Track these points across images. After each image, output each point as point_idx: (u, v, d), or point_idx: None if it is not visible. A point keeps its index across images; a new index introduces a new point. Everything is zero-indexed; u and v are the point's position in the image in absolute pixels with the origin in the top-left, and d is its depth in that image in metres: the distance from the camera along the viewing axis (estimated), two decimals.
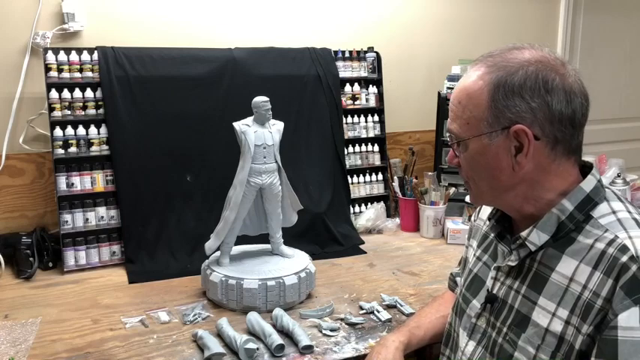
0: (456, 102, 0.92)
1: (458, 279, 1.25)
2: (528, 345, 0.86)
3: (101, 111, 1.75)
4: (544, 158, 0.87)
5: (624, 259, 0.78)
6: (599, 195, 0.87)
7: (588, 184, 0.88)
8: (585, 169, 0.92)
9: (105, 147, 1.75)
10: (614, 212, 0.85)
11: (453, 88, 2.08)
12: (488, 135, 0.87)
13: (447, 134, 0.96)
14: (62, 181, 1.70)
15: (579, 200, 0.86)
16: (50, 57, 1.71)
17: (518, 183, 0.89)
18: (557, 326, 0.83)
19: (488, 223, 1.04)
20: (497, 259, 0.99)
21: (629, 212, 0.85)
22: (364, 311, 1.40)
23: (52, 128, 1.70)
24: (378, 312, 1.38)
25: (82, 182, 1.72)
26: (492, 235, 1.00)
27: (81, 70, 1.74)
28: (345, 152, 2.10)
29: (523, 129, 0.84)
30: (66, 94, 1.72)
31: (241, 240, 1.55)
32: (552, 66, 0.86)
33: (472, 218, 1.18)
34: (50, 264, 1.68)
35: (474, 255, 1.07)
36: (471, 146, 0.90)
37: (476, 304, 1.00)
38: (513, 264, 0.92)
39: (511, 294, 0.92)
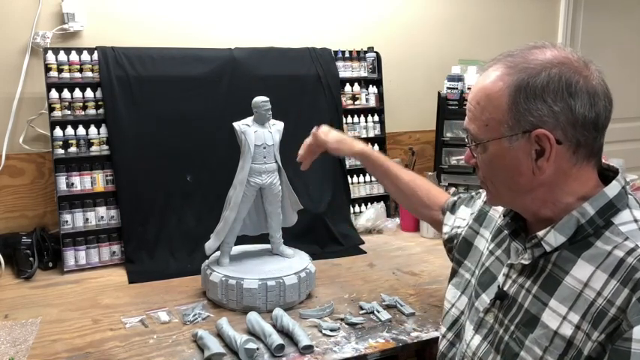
0: (474, 102, 0.90)
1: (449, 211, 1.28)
2: (535, 346, 0.85)
3: (101, 111, 1.75)
4: (565, 162, 0.85)
5: None
6: (622, 202, 0.85)
7: (612, 189, 0.85)
8: (610, 173, 0.90)
9: (105, 147, 1.75)
10: (636, 221, 0.83)
11: (453, 88, 2.12)
12: (508, 138, 0.85)
13: (464, 134, 0.94)
14: (62, 181, 1.70)
15: (601, 205, 0.84)
16: (50, 57, 1.71)
17: (538, 187, 0.87)
18: (567, 330, 0.82)
19: (502, 218, 1.02)
20: (511, 257, 0.98)
21: None
22: (364, 311, 1.40)
23: (52, 128, 1.70)
24: (378, 312, 1.38)
25: (82, 182, 1.72)
26: (507, 231, 0.99)
27: (81, 70, 1.74)
28: None
29: (545, 133, 0.82)
30: (66, 94, 1.72)
31: (241, 240, 1.56)
32: (575, 67, 0.83)
33: (483, 200, 1.15)
34: (50, 264, 1.68)
35: (487, 248, 1.06)
36: (490, 148, 0.89)
37: (485, 298, 1.00)
38: (526, 262, 0.90)
39: (522, 293, 0.91)
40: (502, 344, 0.91)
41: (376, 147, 2.16)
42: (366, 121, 2.16)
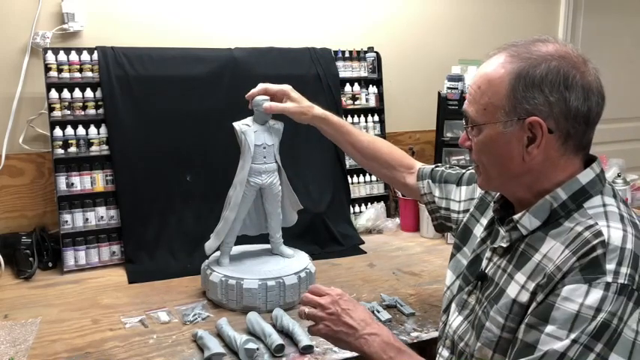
0: (475, 87, 0.94)
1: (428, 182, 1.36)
2: (498, 315, 0.90)
3: (101, 111, 1.75)
4: (554, 152, 0.89)
5: (594, 242, 0.81)
6: (595, 188, 0.89)
7: (585, 176, 0.90)
8: (593, 163, 0.94)
9: (105, 147, 1.75)
10: (604, 205, 0.88)
11: (453, 88, 2.12)
12: (503, 123, 0.90)
13: (463, 117, 0.98)
14: (62, 181, 1.70)
15: (573, 190, 0.89)
16: (50, 57, 1.71)
17: (525, 173, 0.91)
18: (524, 297, 0.87)
19: (493, 204, 1.06)
20: (496, 241, 1.01)
21: (619, 208, 0.88)
22: None
23: (52, 128, 1.70)
24: (378, 312, 1.38)
25: (82, 182, 1.72)
26: (495, 217, 1.03)
27: (81, 70, 1.74)
28: None
29: (538, 121, 0.86)
30: (66, 94, 1.72)
31: (241, 240, 1.55)
32: (574, 63, 0.88)
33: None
34: (50, 264, 1.68)
35: (480, 236, 1.09)
36: (484, 131, 0.93)
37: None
38: (505, 245, 0.95)
39: (498, 272, 0.95)
40: (476, 320, 0.96)
41: None
42: (366, 121, 2.16)
